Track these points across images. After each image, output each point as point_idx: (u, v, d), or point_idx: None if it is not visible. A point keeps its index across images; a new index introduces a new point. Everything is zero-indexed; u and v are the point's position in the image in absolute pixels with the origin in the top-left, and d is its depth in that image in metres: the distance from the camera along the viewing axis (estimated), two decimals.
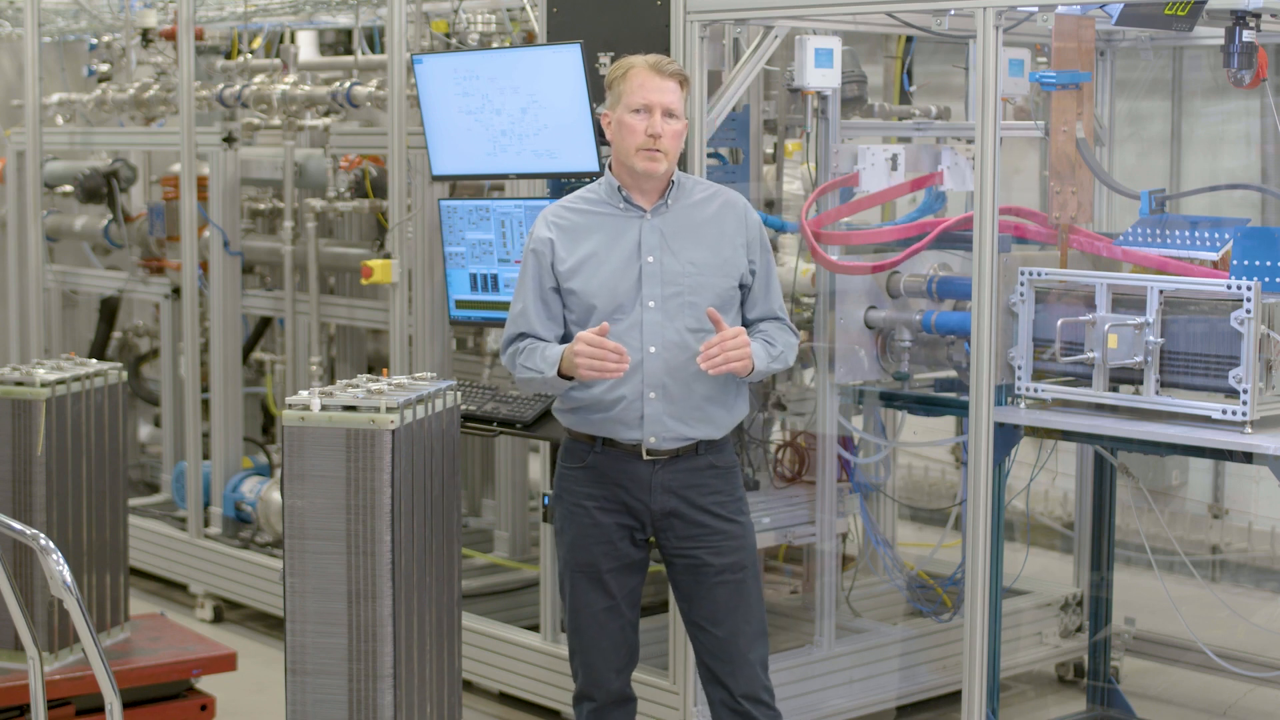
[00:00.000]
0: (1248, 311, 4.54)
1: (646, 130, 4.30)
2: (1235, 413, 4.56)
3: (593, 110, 5.30)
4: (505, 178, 5.93)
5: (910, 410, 5.73)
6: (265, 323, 8.41)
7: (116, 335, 9.14)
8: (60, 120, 8.77)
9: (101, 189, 8.43)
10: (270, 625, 7.11)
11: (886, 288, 5.60)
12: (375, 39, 7.59)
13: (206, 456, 7.51)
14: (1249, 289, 4.55)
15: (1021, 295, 4.97)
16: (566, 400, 4.42)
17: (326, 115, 7.16)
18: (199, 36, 7.46)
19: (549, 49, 5.44)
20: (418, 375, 4.64)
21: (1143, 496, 6.88)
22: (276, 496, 7.06)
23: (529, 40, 6.18)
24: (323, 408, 4.26)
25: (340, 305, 7.46)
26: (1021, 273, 4.97)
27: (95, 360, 5.70)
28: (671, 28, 5.18)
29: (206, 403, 7.56)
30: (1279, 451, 4.50)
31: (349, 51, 7.77)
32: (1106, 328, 4.80)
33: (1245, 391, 4.55)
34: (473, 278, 5.79)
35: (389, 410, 4.24)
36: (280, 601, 4.40)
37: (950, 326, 5.41)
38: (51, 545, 4.02)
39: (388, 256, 6.54)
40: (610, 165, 4.45)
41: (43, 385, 5.27)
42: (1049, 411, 4.93)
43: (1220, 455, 4.76)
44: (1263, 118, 7.51)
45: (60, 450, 5.35)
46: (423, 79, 5.79)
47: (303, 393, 4.35)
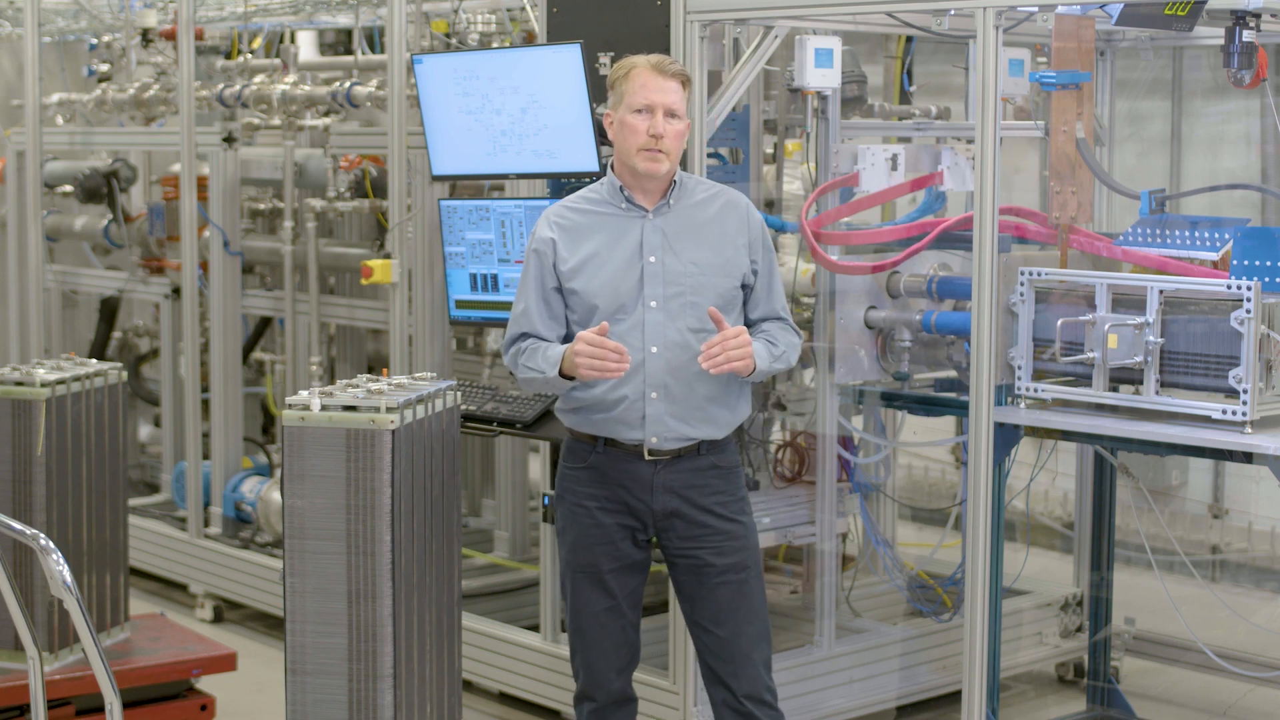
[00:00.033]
0: (1248, 311, 4.54)
1: (649, 130, 4.29)
2: (1235, 413, 4.56)
3: (593, 110, 5.30)
4: (505, 178, 5.93)
5: (910, 410, 5.73)
6: (265, 323, 8.41)
7: (116, 335, 9.14)
8: (60, 120, 8.76)
9: (101, 189, 8.42)
10: (270, 625, 7.10)
11: (886, 288, 5.60)
12: (375, 39, 7.59)
13: (206, 456, 7.51)
14: (1249, 289, 4.55)
15: (1021, 295, 4.97)
16: (568, 400, 4.41)
17: (326, 115, 7.16)
18: (199, 36, 7.45)
19: (549, 49, 5.44)
20: (418, 375, 4.64)
21: (1143, 496, 6.88)
22: (276, 496, 7.06)
23: (529, 40, 6.18)
24: (323, 408, 4.26)
25: (340, 305, 7.46)
26: (1021, 273, 4.97)
27: (95, 360, 5.70)
28: (671, 28, 5.18)
29: (206, 403, 7.56)
30: (1279, 451, 4.50)
31: (349, 51, 7.77)
32: (1106, 328, 4.80)
33: (1245, 391, 4.55)
34: (473, 278, 5.79)
35: (389, 410, 4.24)
36: (280, 601, 4.40)
37: (950, 326, 5.40)
38: (51, 545, 4.02)
39: (388, 256, 6.54)
40: (612, 165, 4.44)
41: (43, 385, 5.27)
42: (1049, 411, 4.93)
43: (1220, 455, 4.76)
44: (1263, 118, 7.50)
45: (60, 450, 5.35)
46: (423, 79, 5.79)
47: (303, 393, 4.34)
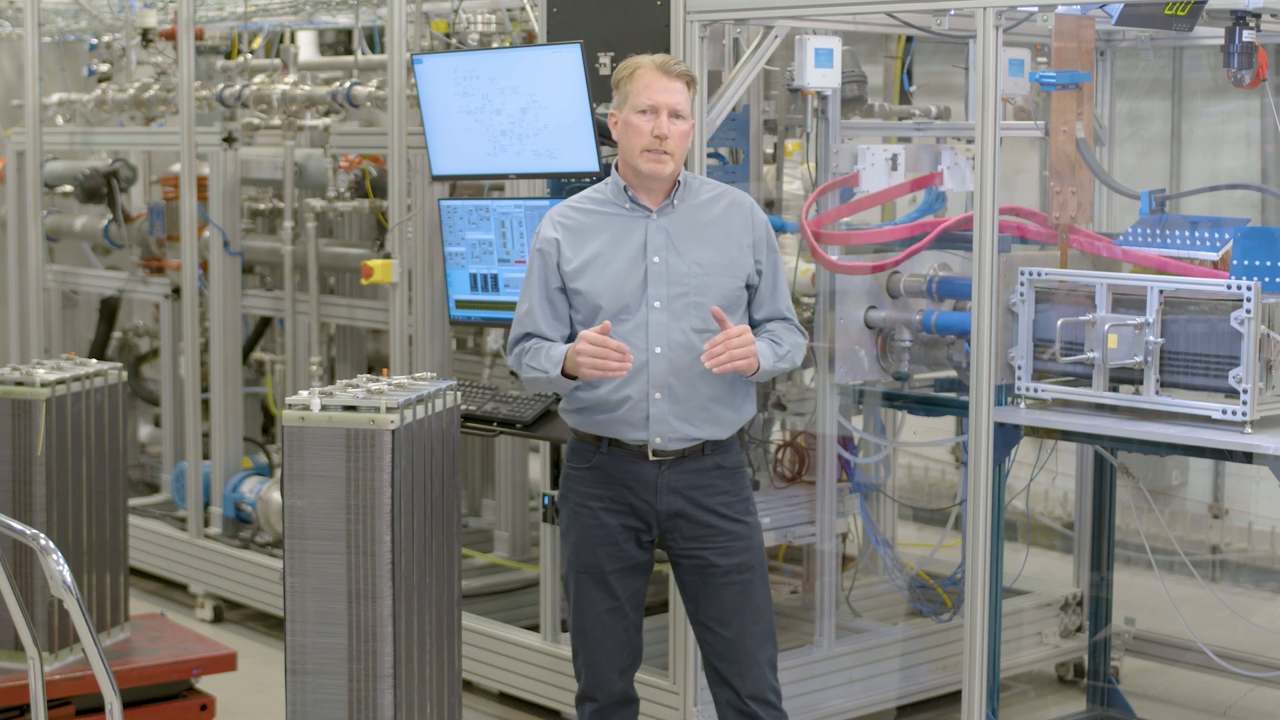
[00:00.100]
0: (1248, 311, 4.54)
1: (653, 131, 4.28)
2: (1235, 413, 4.56)
3: (593, 110, 5.30)
4: (505, 178, 5.93)
5: (910, 410, 5.73)
6: (265, 323, 8.41)
7: (116, 335, 9.14)
8: (60, 120, 8.76)
9: (101, 189, 8.42)
10: (270, 625, 7.10)
11: (886, 288, 5.60)
12: (375, 39, 7.59)
13: (206, 456, 7.51)
14: (1249, 289, 4.55)
15: (1021, 295, 4.97)
16: (572, 400, 4.40)
17: (326, 115, 7.15)
18: (199, 36, 7.45)
19: (549, 49, 5.44)
20: (418, 375, 4.64)
21: (1143, 496, 6.88)
22: (276, 496, 7.06)
23: (529, 40, 6.18)
24: (323, 408, 4.26)
25: (340, 305, 7.46)
26: (1021, 273, 4.97)
27: (95, 360, 5.70)
28: (671, 28, 5.18)
29: (206, 403, 7.56)
30: (1279, 451, 4.50)
31: (349, 51, 7.77)
32: (1106, 328, 4.80)
33: (1245, 391, 4.55)
34: (473, 278, 5.79)
35: (389, 410, 4.24)
36: (280, 601, 4.40)
37: (950, 326, 5.40)
38: (51, 545, 4.02)
39: (388, 256, 6.54)
40: (617, 165, 4.43)
41: (43, 385, 5.27)
42: (1049, 411, 4.93)
43: (1220, 455, 4.76)
44: (1263, 118, 7.50)
45: (60, 450, 5.35)
46: (423, 79, 5.79)
47: (303, 393, 4.34)
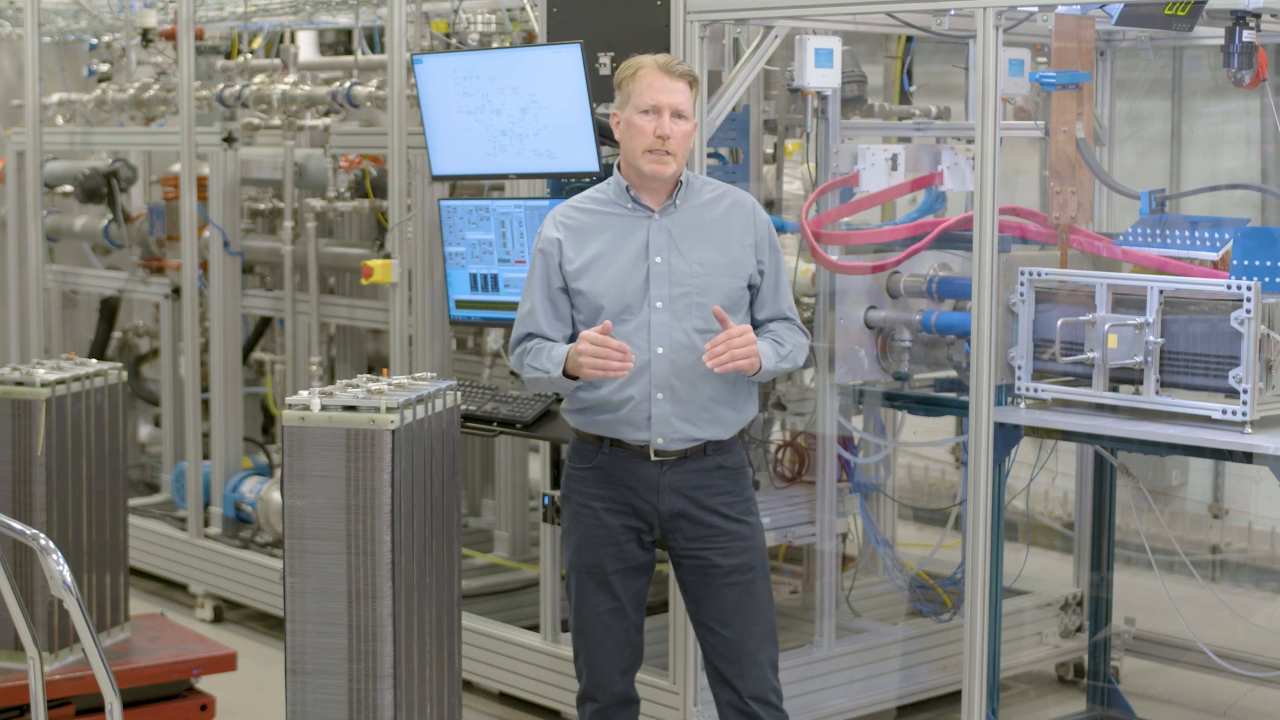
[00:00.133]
0: (1248, 311, 4.54)
1: (655, 131, 4.27)
2: (1235, 413, 4.56)
3: (592, 110, 5.30)
4: (505, 178, 5.93)
5: (910, 410, 5.73)
6: (265, 323, 8.41)
7: (116, 335, 9.14)
8: (60, 120, 8.76)
9: (101, 189, 8.42)
10: (270, 625, 7.10)
11: (886, 288, 5.60)
12: (375, 39, 7.59)
13: (206, 456, 7.51)
14: (1249, 289, 4.55)
15: (1021, 295, 4.97)
16: (574, 401, 4.40)
17: (326, 115, 7.15)
18: (199, 36, 7.45)
19: (549, 49, 5.44)
20: (418, 375, 4.64)
21: (1143, 496, 6.88)
22: (276, 496, 7.06)
23: (529, 40, 6.18)
24: (323, 408, 4.26)
25: (340, 305, 7.46)
26: (1021, 273, 4.97)
27: (95, 360, 5.70)
28: (671, 28, 5.18)
29: (206, 403, 7.56)
30: (1279, 451, 4.50)
31: (349, 51, 7.77)
32: (1106, 328, 4.80)
33: (1245, 391, 4.55)
34: (473, 278, 5.79)
35: (389, 410, 4.24)
36: (280, 601, 4.40)
37: (950, 326, 5.40)
38: (51, 545, 4.02)
39: (388, 256, 6.54)
40: (619, 165, 4.43)
41: (43, 385, 5.27)
42: (1049, 411, 4.93)
43: (1220, 455, 4.76)
44: (1263, 118, 7.51)
45: (60, 450, 5.35)
46: (423, 79, 5.79)
47: (303, 393, 4.34)
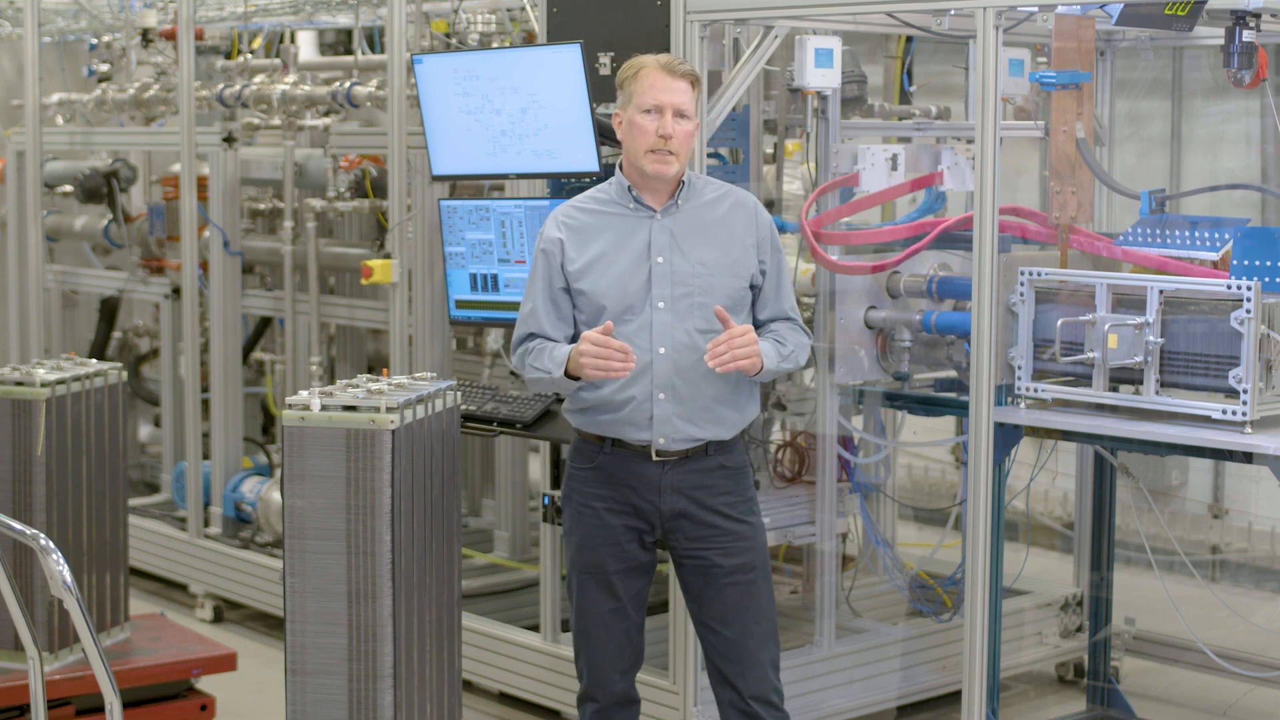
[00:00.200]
0: (1248, 311, 4.54)
1: (658, 131, 4.27)
2: (1235, 413, 4.56)
3: (592, 110, 5.30)
4: (505, 178, 5.93)
5: (910, 410, 5.73)
6: (265, 323, 8.41)
7: (116, 335, 9.14)
8: (60, 120, 8.76)
9: (101, 189, 8.42)
10: (270, 625, 7.10)
11: (886, 288, 5.60)
12: (375, 39, 7.59)
13: (206, 456, 7.51)
14: (1249, 289, 4.55)
15: (1021, 295, 4.97)
16: (576, 401, 4.40)
17: (326, 115, 7.16)
18: (199, 36, 7.45)
19: (549, 49, 5.44)
20: (418, 375, 4.64)
21: (1143, 496, 6.88)
22: (276, 496, 7.06)
23: (529, 40, 6.18)
24: (323, 408, 4.26)
25: (340, 305, 7.46)
26: (1021, 273, 4.97)
27: (95, 360, 5.70)
28: (671, 28, 5.18)
29: (206, 403, 7.56)
30: (1279, 451, 4.50)
31: (349, 51, 7.77)
32: (1106, 328, 4.80)
33: (1245, 391, 4.55)
34: (473, 278, 5.79)
35: (389, 410, 4.24)
36: (280, 601, 4.40)
37: (950, 326, 5.40)
38: (51, 545, 4.02)
39: (388, 256, 6.54)
40: (621, 165, 4.43)
41: (43, 385, 5.27)
42: (1049, 411, 4.93)
43: (1220, 455, 4.76)
44: (1263, 118, 7.51)
45: (60, 450, 5.35)
46: (423, 79, 5.79)
47: (303, 393, 4.34)
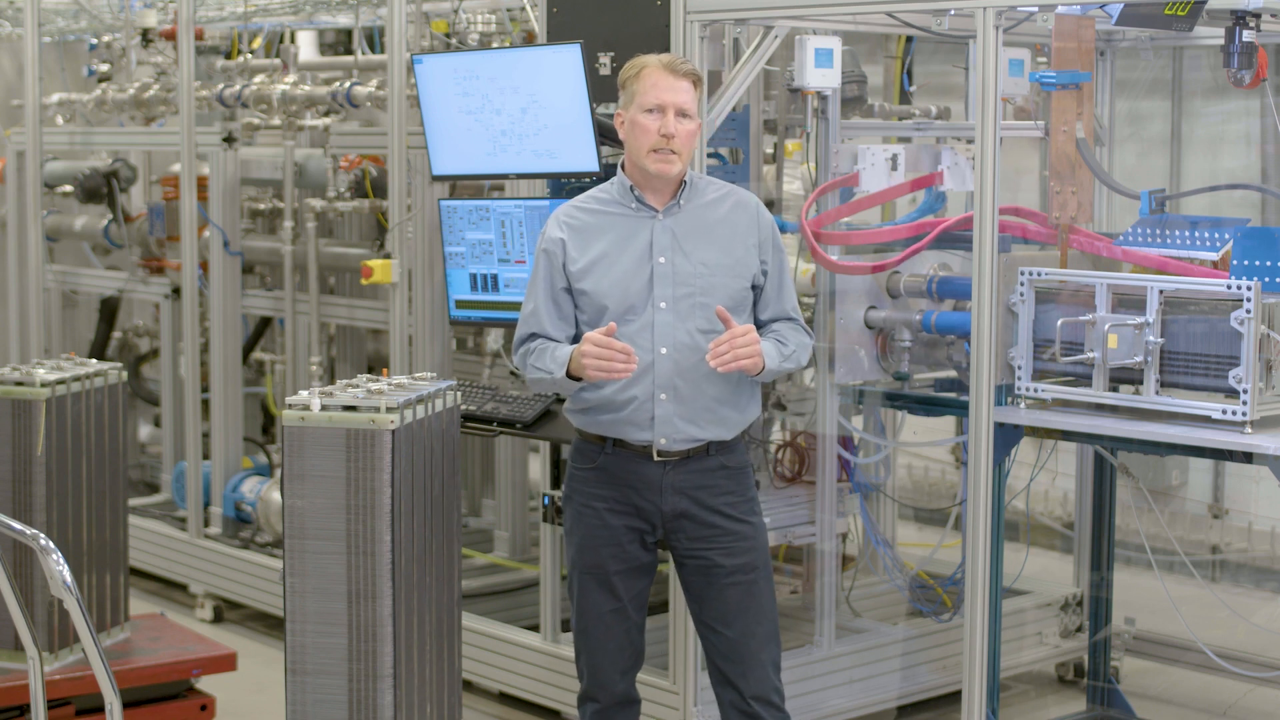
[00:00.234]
0: (1248, 311, 4.54)
1: (660, 130, 4.27)
2: (1235, 413, 4.56)
3: (592, 110, 5.30)
4: (505, 178, 5.93)
5: (910, 410, 5.73)
6: (265, 323, 8.41)
7: (116, 335, 9.14)
8: (60, 120, 8.76)
9: (101, 189, 8.42)
10: (270, 625, 7.10)
11: (886, 288, 5.60)
12: (375, 39, 7.59)
13: (206, 456, 7.51)
14: (1249, 289, 4.55)
15: (1021, 295, 4.97)
16: (577, 401, 4.40)
17: (326, 115, 7.16)
18: (199, 36, 7.45)
19: (549, 49, 5.44)
20: (418, 375, 4.64)
21: (1143, 496, 6.88)
22: (276, 496, 7.06)
23: (529, 40, 6.18)
24: (323, 408, 4.26)
25: (340, 305, 7.46)
26: (1021, 273, 4.97)
27: (95, 360, 5.70)
28: (671, 28, 5.18)
29: (206, 403, 7.56)
30: (1279, 451, 4.50)
31: (349, 51, 7.77)
32: (1106, 328, 4.80)
33: (1245, 391, 4.55)
34: (473, 278, 5.79)
35: (389, 410, 4.24)
36: (280, 601, 4.40)
37: (950, 326, 5.40)
38: (51, 545, 4.02)
39: (388, 256, 6.54)
40: (623, 165, 4.43)
41: (43, 385, 5.27)
42: (1049, 411, 4.93)
43: (1220, 455, 4.76)
44: (1263, 118, 7.51)
45: (60, 450, 5.35)
46: (423, 79, 5.79)
47: (303, 393, 4.34)
